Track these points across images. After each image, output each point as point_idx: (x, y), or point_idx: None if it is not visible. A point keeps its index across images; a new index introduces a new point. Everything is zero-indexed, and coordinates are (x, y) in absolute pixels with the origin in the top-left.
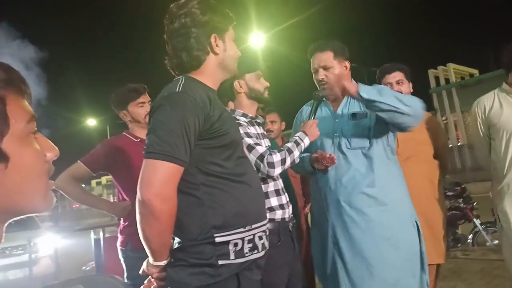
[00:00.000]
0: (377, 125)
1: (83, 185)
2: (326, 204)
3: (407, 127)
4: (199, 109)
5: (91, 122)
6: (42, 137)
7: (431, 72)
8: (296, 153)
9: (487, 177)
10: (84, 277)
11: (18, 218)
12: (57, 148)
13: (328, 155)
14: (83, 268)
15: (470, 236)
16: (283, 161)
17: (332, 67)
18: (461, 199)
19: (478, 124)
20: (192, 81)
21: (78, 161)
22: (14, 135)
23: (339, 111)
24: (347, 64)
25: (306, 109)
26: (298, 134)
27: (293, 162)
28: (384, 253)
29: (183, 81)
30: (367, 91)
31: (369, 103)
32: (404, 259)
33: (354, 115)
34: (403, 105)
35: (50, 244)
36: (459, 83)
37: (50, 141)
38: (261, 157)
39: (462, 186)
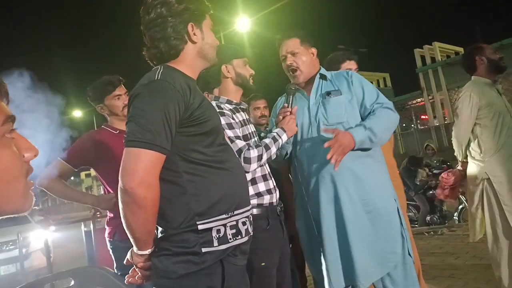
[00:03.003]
0: (353, 100)
1: (72, 177)
2: (306, 189)
3: None
4: (179, 96)
5: (77, 113)
6: (20, 136)
7: (417, 52)
8: (273, 150)
9: None
10: (74, 270)
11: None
12: (35, 147)
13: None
14: None
15: (456, 213)
16: (259, 157)
17: (299, 53)
18: None
19: (472, 107)
20: (171, 70)
21: (58, 158)
22: None
23: (312, 94)
24: (314, 50)
25: (281, 101)
26: (276, 130)
27: (269, 158)
28: (365, 228)
29: (162, 69)
30: (362, 141)
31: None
32: (384, 234)
33: (328, 94)
34: (385, 133)
35: (41, 238)
36: (445, 62)
37: (28, 140)
38: (239, 151)
39: (448, 163)
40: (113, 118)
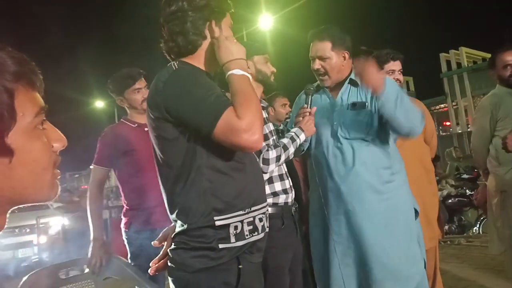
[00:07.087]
0: (377, 115)
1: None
2: (323, 192)
3: (400, 135)
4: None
5: (99, 104)
6: (51, 126)
7: (443, 56)
8: (291, 150)
9: None
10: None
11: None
12: (65, 138)
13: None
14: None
15: (478, 224)
16: (278, 158)
17: (329, 58)
18: (469, 185)
19: (488, 118)
20: (186, 65)
21: (92, 165)
22: (21, 128)
23: (338, 99)
24: (346, 54)
25: (303, 98)
26: (294, 130)
27: (287, 158)
28: (382, 242)
29: (177, 63)
30: (391, 92)
31: (382, 103)
32: (403, 248)
33: (354, 105)
34: (406, 122)
35: (58, 224)
36: (470, 68)
37: (58, 131)
38: (258, 152)
39: (476, 169)
40: (132, 111)
